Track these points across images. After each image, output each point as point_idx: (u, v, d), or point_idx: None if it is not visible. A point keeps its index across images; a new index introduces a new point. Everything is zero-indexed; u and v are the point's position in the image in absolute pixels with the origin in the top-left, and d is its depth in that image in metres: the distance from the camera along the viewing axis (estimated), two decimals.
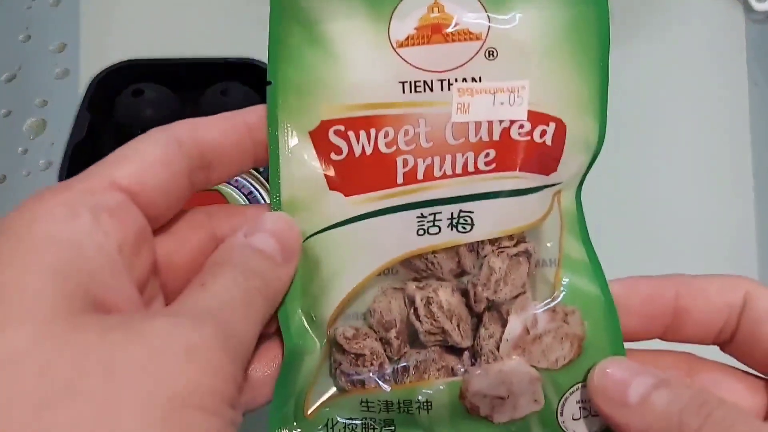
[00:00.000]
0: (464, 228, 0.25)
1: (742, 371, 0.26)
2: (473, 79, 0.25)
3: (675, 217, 0.49)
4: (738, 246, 0.49)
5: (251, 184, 0.39)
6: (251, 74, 0.49)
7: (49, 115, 0.54)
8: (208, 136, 0.24)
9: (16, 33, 0.58)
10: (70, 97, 0.53)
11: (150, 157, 0.23)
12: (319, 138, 0.25)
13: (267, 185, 0.40)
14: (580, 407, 0.25)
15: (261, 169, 0.45)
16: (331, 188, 0.25)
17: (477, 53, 0.25)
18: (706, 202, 0.50)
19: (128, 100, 0.48)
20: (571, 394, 0.25)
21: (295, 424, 0.25)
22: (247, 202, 0.39)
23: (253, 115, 0.26)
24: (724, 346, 0.26)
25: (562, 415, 0.25)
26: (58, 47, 0.58)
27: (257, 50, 0.51)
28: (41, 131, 0.54)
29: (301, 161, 0.25)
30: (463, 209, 0.25)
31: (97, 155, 0.49)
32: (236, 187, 0.39)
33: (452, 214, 0.25)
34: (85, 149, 0.46)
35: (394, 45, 0.25)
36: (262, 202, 0.39)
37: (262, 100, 0.52)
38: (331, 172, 0.25)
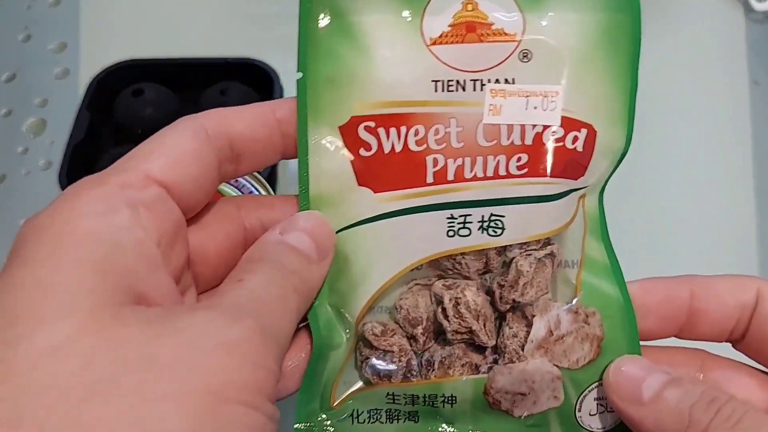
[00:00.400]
0: (495, 232, 0.25)
1: (754, 368, 0.26)
2: (506, 81, 0.25)
3: (674, 216, 0.49)
4: (738, 244, 0.49)
5: (251, 184, 0.39)
6: (251, 74, 0.49)
7: (49, 115, 0.54)
8: (238, 127, 0.24)
9: (16, 33, 0.58)
10: (70, 97, 0.53)
11: (182, 150, 0.23)
12: (348, 133, 0.25)
13: (267, 185, 0.40)
14: (597, 403, 0.25)
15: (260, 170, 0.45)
16: (359, 184, 0.25)
17: (511, 54, 0.25)
18: (707, 200, 0.50)
19: (128, 100, 0.48)
20: (589, 391, 0.25)
21: (321, 413, 0.25)
22: None
23: (284, 107, 0.25)
24: (736, 343, 0.26)
25: (579, 410, 0.25)
26: (58, 47, 0.58)
27: (257, 50, 0.51)
28: (41, 131, 0.54)
29: (329, 156, 0.25)
30: (495, 213, 0.25)
31: (97, 155, 0.49)
32: (236, 187, 0.39)
33: (483, 217, 0.25)
34: (85, 149, 0.46)
35: (428, 42, 0.25)
36: None
37: (262, 99, 0.52)
38: (360, 168, 0.25)
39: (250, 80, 0.49)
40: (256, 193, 0.39)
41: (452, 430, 0.26)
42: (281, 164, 0.48)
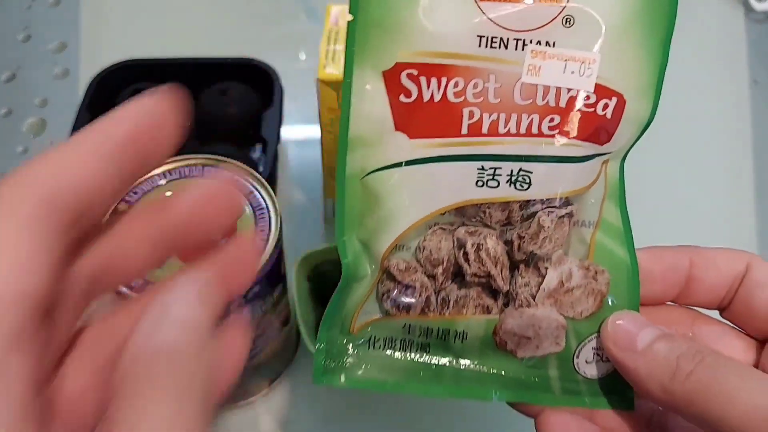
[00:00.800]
0: (522, 186, 0.26)
1: (741, 331, 0.28)
2: (547, 44, 0.26)
3: (674, 215, 0.49)
4: (738, 243, 0.49)
5: (252, 185, 0.37)
6: (251, 74, 0.49)
7: (49, 115, 0.54)
8: (81, 182, 0.17)
9: (16, 33, 0.58)
10: (70, 97, 0.53)
11: (19, 256, 0.16)
12: (391, 79, 0.26)
13: (267, 185, 0.38)
14: (594, 353, 0.28)
15: (260, 170, 0.44)
16: (396, 129, 0.26)
17: (555, 18, 0.26)
18: (707, 200, 0.51)
19: (128, 100, 0.48)
20: (588, 341, 0.28)
21: (341, 337, 0.28)
22: (251, 210, 0.35)
23: (124, 123, 0.19)
24: (723, 311, 0.29)
25: (577, 357, 0.28)
26: (58, 47, 0.58)
27: (257, 50, 0.51)
28: (41, 131, 0.54)
29: (371, 99, 0.26)
30: (524, 168, 0.26)
31: None
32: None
33: (512, 171, 0.26)
34: None
35: None
36: (263, 204, 0.36)
37: (262, 99, 0.52)
38: (399, 114, 0.26)
39: (250, 80, 0.49)
40: (263, 202, 0.35)
41: (459, 363, 0.28)
42: (281, 162, 0.48)
